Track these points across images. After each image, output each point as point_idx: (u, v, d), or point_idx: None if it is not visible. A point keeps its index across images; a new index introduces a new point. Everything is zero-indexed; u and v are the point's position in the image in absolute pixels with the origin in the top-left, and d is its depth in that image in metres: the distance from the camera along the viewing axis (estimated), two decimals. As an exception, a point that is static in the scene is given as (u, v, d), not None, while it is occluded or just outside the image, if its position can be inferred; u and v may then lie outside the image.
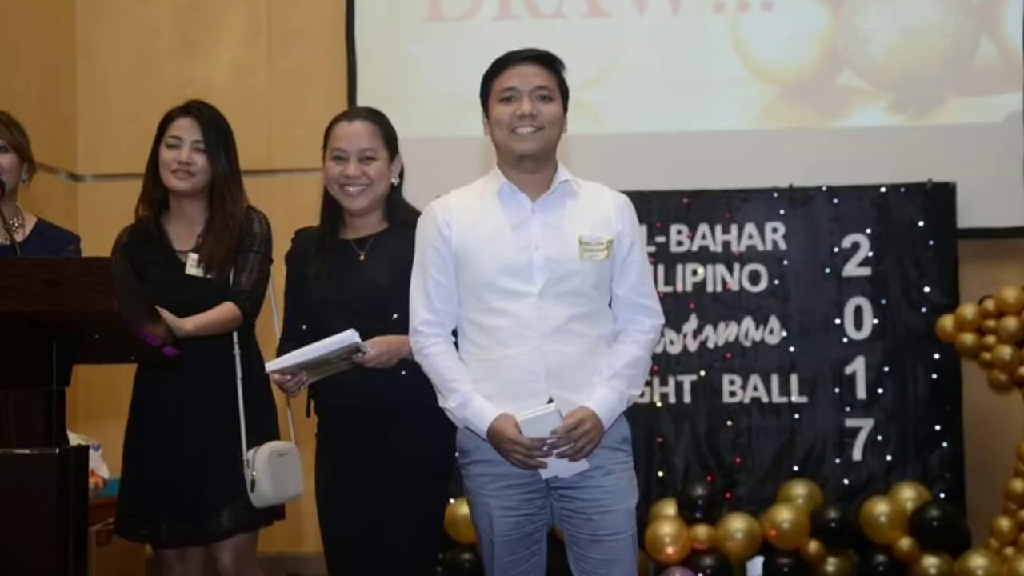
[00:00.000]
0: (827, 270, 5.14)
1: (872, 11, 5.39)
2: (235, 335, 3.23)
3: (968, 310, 4.91)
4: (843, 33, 5.41)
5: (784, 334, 5.13)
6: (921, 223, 5.11)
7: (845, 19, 5.41)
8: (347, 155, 3.04)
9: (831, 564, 4.87)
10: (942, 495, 4.95)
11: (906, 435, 5.04)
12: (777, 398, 5.11)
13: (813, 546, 4.85)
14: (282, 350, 3.03)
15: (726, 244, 5.20)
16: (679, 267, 5.19)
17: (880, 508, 4.81)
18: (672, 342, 5.15)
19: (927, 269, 5.09)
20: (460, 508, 4.64)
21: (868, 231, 5.13)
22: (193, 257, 3.24)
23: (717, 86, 5.43)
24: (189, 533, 3.21)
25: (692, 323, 5.16)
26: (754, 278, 5.18)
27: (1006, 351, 4.81)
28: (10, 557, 2.38)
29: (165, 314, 2.91)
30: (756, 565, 4.94)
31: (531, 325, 2.71)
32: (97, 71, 5.81)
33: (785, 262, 5.17)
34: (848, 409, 5.08)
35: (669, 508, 4.95)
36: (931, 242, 5.10)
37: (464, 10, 5.56)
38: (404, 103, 5.24)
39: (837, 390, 5.08)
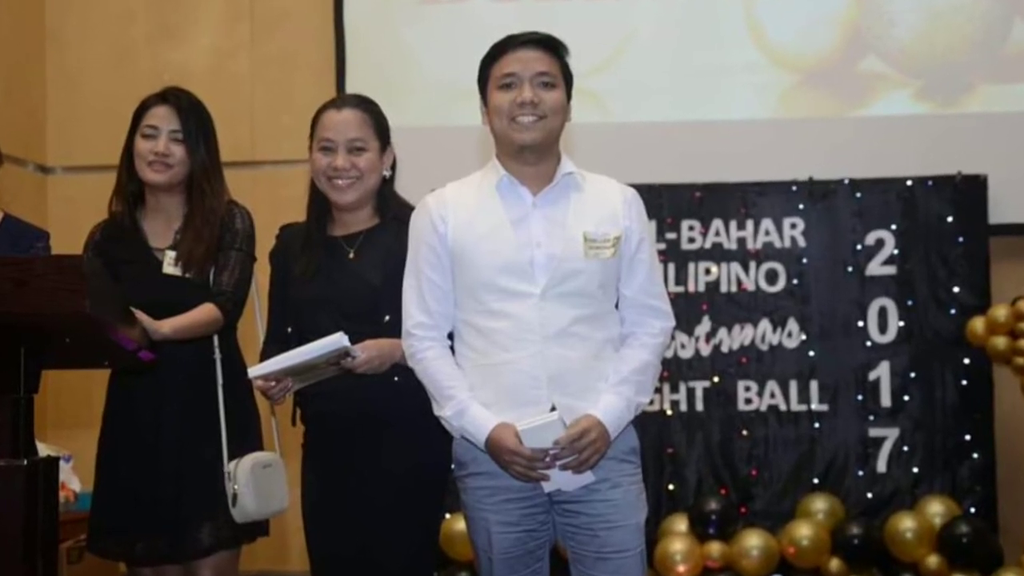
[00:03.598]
0: (849, 269, 5.14)
1: (897, -9, 5.41)
2: (216, 338, 3.23)
3: (1000, 312, 4.91)
4: (866, 15, 5.41)
5: (803, 337, 5.13)
6: (950, 218, 5.11)
7: (869, 0, 5.41)
8: (335, 146, 3.04)
9: (853, 584, 4.88)
10: (972, 510, 4.96)
11: (934, 445, 5.04)
12: (796, 406, 5.10)
13: (834, 564, 4.85)
14: (266, 354, 3.03)
15: (741, 241, 5.20)
16: (691, 266, 5.20)
17: (906, 524, 4.82)
18: (683, 346, 5.15)
19: (956, 268, 5.09)
20: (456, 523, 4.64)
21: (893, 227, 5.14)
22: (171, 255, 3.24)
23: (731, 72, 5.43)
24: (166, 550, 3.21)
25: (705, 326, 5.16)
26: (771, 277, 5.18)
27: (1041, 356, 4.82)
28: (-26, 576, 2.39)
29: (141, 316, 2.92)
30: (773, 584, 4.95)
31: (532, 328, 2.70)
32: (68, 56, 5.81)
33: (804, 260, 5.17)
34: (872, 418, 5.08)
35: (680, 524, 4.96)
36: (961, 239, 5.10)
37: (461, -10, 5.58)
38: (396, 90, 5.25)
39: (860, 397, 5.09)
